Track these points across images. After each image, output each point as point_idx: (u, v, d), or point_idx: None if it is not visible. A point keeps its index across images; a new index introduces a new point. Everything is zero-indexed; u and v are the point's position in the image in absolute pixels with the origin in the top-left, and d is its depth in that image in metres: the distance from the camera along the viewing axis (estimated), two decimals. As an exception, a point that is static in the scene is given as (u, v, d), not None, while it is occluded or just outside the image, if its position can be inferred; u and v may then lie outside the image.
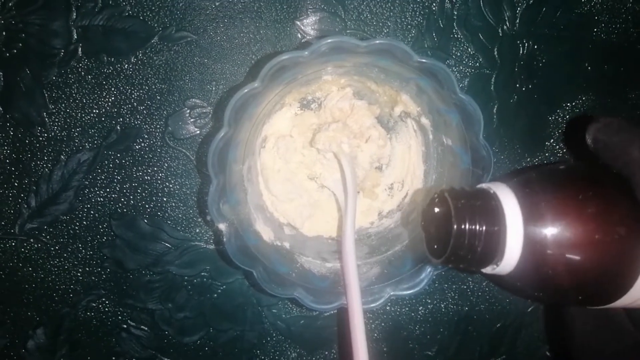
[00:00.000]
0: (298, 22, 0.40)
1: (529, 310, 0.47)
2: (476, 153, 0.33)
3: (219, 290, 0.44)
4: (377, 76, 0.37)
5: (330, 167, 0.40)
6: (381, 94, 0.39)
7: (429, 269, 0.34)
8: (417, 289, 0.34)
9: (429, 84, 0.33)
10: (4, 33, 0.38)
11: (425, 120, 0.38)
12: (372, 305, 0.34)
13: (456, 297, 0.46)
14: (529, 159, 0.45)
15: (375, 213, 0.41)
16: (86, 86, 0.40)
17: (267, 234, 0.36)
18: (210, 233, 0.43)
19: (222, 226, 0.32)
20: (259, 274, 0.32)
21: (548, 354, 0.48)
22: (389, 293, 0.34)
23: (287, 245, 0.37)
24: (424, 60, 0.30)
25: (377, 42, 0.30)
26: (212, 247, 0.43)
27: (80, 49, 0.39)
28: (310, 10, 0.40)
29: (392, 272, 0.35)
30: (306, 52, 0.29)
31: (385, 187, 0.42)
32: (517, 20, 0.43)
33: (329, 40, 0.29)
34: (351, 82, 0.39)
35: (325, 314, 0.45)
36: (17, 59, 0.39)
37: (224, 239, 0.33)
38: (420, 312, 0.46)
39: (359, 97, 0.39)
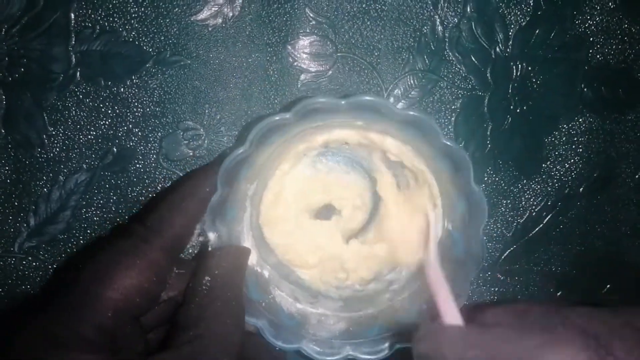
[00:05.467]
0: (289, 46, 0.41)
1: None
2: (471, 198, 0.33)
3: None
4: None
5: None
6: (368, 143, 0.38)
7: (393, 343, 0.34)
8: (376, 356, 0.34)
9: (415, 134, 0.33)
10: (6, 59, 0.40)
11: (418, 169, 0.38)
12: (328, 359, 0.33)
13: None
14: (525, 181, 0.44)
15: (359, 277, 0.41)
16: (84, 109, 0.41)
17: (251, 257, 0.36)
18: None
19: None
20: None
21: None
22: (348, 352, 0.34)
23: (266, 274, 0.37)
24: (409, 113, 0.31)
25: (357, 99, 0.30)
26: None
27: (78, 74, 0.41)
28: (301, 34, 0.41)
29: (357, 332, 0.35)
30: (288, 115, 0.31)
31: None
32: (510, 42, 0.43)
33: (305, 103, 0.30)
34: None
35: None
36: (19, 83, 0.40)
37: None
38: None
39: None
